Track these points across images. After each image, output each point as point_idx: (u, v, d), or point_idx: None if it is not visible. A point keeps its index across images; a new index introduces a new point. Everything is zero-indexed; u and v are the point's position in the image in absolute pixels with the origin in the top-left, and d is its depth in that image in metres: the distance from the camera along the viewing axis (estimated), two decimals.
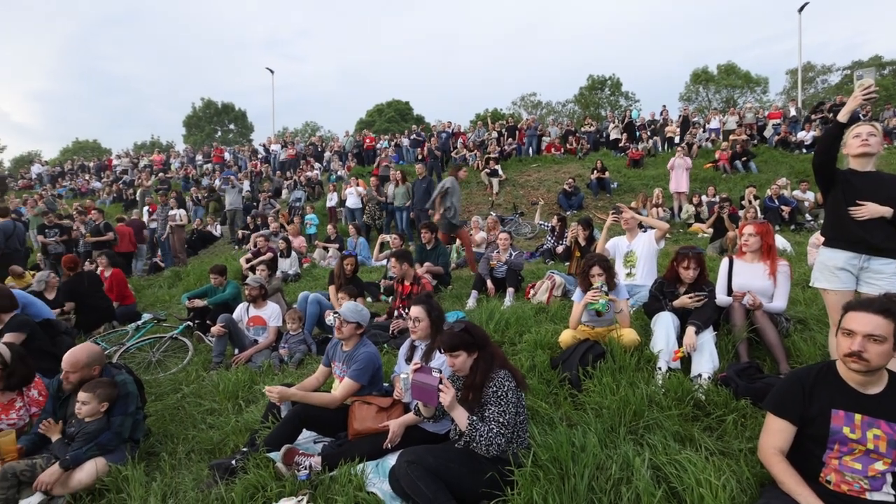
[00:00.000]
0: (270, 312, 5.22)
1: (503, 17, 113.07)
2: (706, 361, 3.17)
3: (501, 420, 2.26)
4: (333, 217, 12.92)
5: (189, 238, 12.60)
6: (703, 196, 11.19)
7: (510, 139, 17.60)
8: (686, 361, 3.32)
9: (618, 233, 5.27)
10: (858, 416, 1.90)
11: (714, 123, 16.83)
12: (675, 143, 15.56)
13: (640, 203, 11.10)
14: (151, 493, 2.62)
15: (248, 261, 8.51)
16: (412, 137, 18.49)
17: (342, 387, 3.08)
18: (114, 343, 5.73)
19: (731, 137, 14.70)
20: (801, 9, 21.28)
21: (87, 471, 2.77)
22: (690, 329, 3.27)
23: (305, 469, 2.59)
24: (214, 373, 4.55)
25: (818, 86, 39.52)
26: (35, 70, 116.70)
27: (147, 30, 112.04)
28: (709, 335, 3.32)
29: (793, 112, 16.49)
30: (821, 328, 3.69)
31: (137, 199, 15.03)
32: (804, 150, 14.27)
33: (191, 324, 5.84)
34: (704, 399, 2.90)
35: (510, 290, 5.73)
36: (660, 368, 3.24)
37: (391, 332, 4.70)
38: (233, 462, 2.73)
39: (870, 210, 2.74)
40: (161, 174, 20.45)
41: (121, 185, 19.57)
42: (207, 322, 5.89)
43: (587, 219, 6.76)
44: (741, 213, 9.36)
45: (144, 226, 11.56)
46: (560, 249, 8.25)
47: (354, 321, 3.20)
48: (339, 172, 16.68)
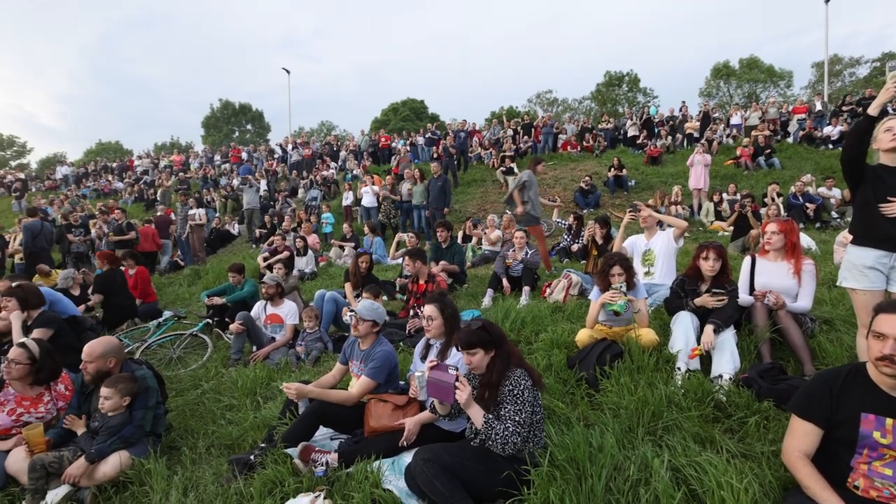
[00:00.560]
0: (287, 310, 5.28)
1: (517, 15, 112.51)
2: (727, 362, 3.10)
3: (517, 419, 2.25)
4: (349, 216, 13.02)
5: (208, 237, 12.83)
6: (724, 194, 10.96)
7: (526, 137, 17.50)
8: (706, 362, 3.26)
9: (635, 231, 5.20)
10: (890, 421, 1.84)
11: (735, 119, 16.48)
12: (695, 140, 15.28)
13: (658, 200, 10.93)
14: (173, 487, 2.67)
15: (266, 259, 8.62)
16: (427, 136, 18.51)
17: (359, 384, 3.10)
18: (136, 339, 5.85)
19: (754, 133, 14.38)
20: None
21: (112, 463, 2.84)
22: (709, 328, 3.21)
23: (322, 465, 2.61)
24: (233, 369, 4.62)
25: (845, 79, 38.29)
26: (60, 73, 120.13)
27: (167, 33, 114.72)
28: (730, 335, 3.25)
29: (818, 106, 16.02)
30: (848, 329, 3.57)
31: (158, 199, 15.34)
32: (830, 146, 13.87)
33: (210, 321, 5.95)
34: (725, 400, 2.84)
35: (526, 289, 5.69)
36: (679, 369, 3.19)
37: (407, 332, 4.71)
38: (251, 457, 2.77)
39: None
40: (181, 174, 20.87)
41: (142, 186, 20.04)
42: (226, 319, 5.99)
43: (604, 217, 6.68)
44: (763, 211, 9.15)
45: (172, 221, 11.80)
46: (576, 248, 8.18)
47: (371, 319, 3.22)
48: (355, 171, 16.78)
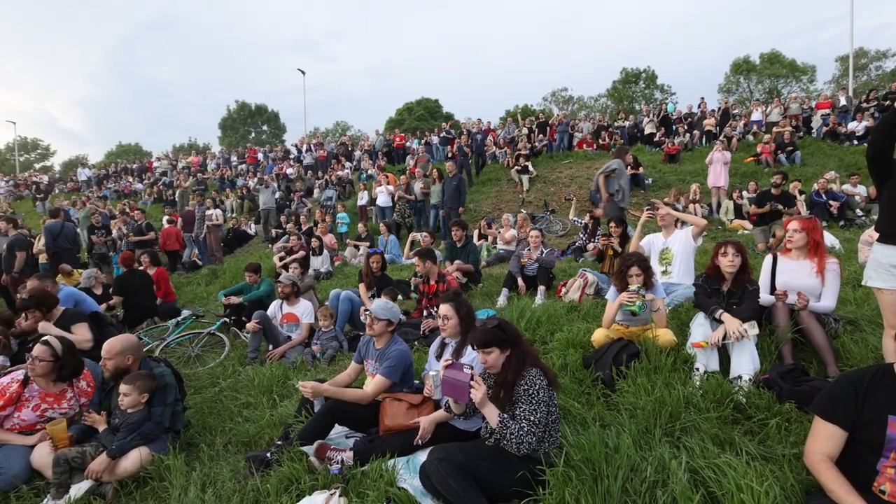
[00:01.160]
0: (303, 310, 5.33)
1: (531, 13, 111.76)
2: (746, 363, 3.04)
3: (532, 419, 2.23)
4: (364, 215, 13.10)
5: (225, 237, 13.02)
6: (744, 192, 10.75)
7: (541, 135, 17.39)
8: (725, 363, 3.20)
9: (652, 229, 5.12)
10: None
11: (756, 115, 16.12)
12: (714, 137, 15.00)
13: (674, 198, 10.75)
14: (192, 482, 2.71)
15: (282, 259, 8.73)
16: (442, 135, 18.52)
17: (374, 383, 3.12)
18: (155, 338, 5.97)
19: (775, 130, 14.05)
20: None
21: (132, 459, 2.90)
22: (721, 327, 3.15)
23: (338, 463, 2.63)
24: (250, 368, 4.68)
25: (871, 73, 37.18)
26: (81, 77, 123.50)
27: (183, 36, 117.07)
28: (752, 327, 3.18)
29: (843, 101, 15.59)
30: (874, 329, 3.46)
31: (177, 200, 15.63)
32: (855, 142, 13.50)
33: (227, 320, 6.04)
34: (745, 402, 2.78)
35: (541, 289, 5.65)
36: (697, 369, 3.13)
37: (422, 332, 4.71)
38: (268, 455, 2.80)
39: None
40: (198, 175, 21.23)
41: (161, 187, 20.43)
42: (243, 318, 6.07)
43: (620, 216, 6.60)
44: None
45: (196, 217, 12.01)
46: (591, 247, 8.09)
47: (386, 318, 3.24)
48: (370, 171, 16.87)
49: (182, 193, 15.58)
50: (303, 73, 29.39)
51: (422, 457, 2.53)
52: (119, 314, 6.45)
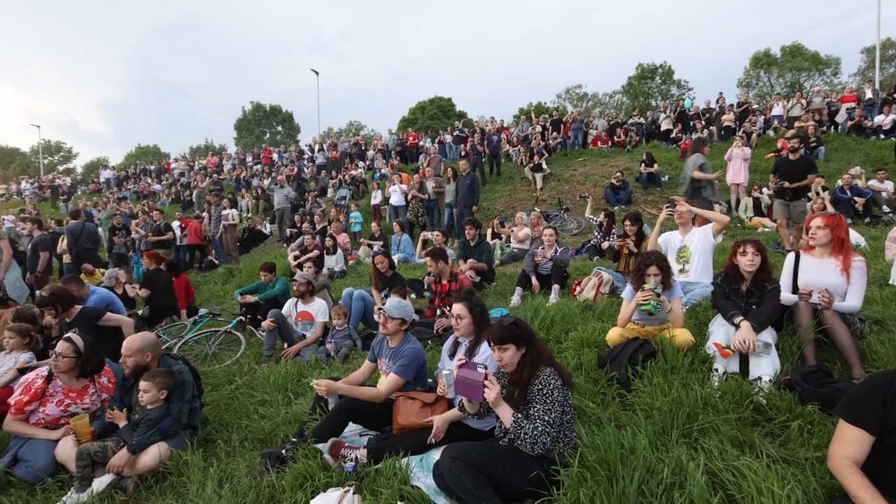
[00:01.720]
0: (317, 308, 5.37)
1: (545, 9, 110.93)
2: (767, 363, 2.97)
3: (547, 418, 2.21)
4: (378, 215, 13.15)
5: (241, 236, 13.19)
6: (764, 188, 10.51)
7: (555, 133, 17.25)
8: (745, 363, 3.13)
9: (669, 228, 5.04)
10: None
11: (777, 110, 15.73)
12: (733, 133, 14.71)
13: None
14: (209, 478, 2.75)
15: (296, 258, 8.81)
16: (455, 134, 18.48)
17: (387, 382, 3.13)
18: (174, 336, 6.08)
19: (797, 124, 13.71)
20: None
21: (152, 454, 2.96)
22: (746, 325, 3.07)
23: (352, 461, 2.64)
24: (265, 365, 4.73)
25: None
26: (102, 81, 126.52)
27: (200, 39, 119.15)
28: (770, 335, 3.11)
29: (869, 94, 15.13)
30: None
31: (194, 200, 15.87)
32: (881, 136, 13.11)
33: (243, 318, 6.11)
34: (765, 403, 2.72)
35: (555, 287, 5.61)
36: (716, 370, 3.07)
37: (435, 331, 4.71)
38: (283, 452, 2.83)
39: None
40: (214, 176, 21.55)
41: (178, 187, 20.77)
42: (258, 317, 6.15)
43: (635, 213, 6.50)
44: (807, 206, 8.71)
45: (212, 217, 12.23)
46: (606, 246, 7.99)
47: (399, 317, 3.24)
48: (383, 170, 16.92)
49: (199, 194, 15.82)
50: (316, 74, 29.67)
51: (435, 455, 2.53)
52: (144, 312, 6.57)
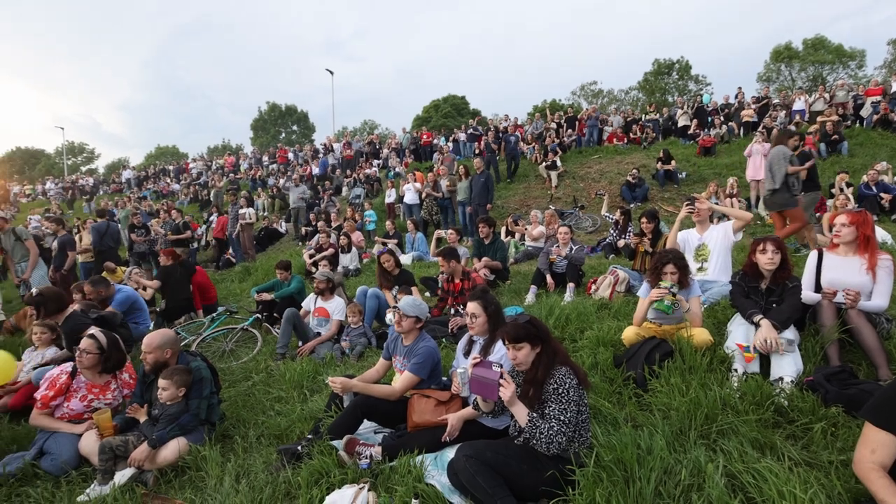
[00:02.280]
0: (335, 306, 5.40)
1: (558, 6, 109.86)
2: (789, 364, 2.90)
3: (562, 418, 2.20)
4: (392, 213, 13.20)
5: (257, 235, 13.36)
6: None
7: (570, 130, 17.09)
8: (765, 364, 3.06)
9: (687, 226, 4.95)
10: None
11: (799, 104, 15.35)
12: (753, 128, 14.39)
13: (711, 193, 10.40)
14: (227, 473, 2.80)
15: (311, 256, 8.89)
16: (469, 132, 18.44)
17: (402, 380, 3.13)
18: (192, 333, 6.18)
19: (820, 119, 13.36)
20: None
21: (171, 449, 3.01)
22: (759, 332, 3.01)
23: (366, 458, 2.66)
24: (281, 363, 4.78)
25: None
26: (123, 83, 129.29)
27: (217, 41, 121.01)
28: (792, 333, 3.04)
29: (895, 87, 14.70)
30: None
31: (211, 199, 16.11)
32: None
33: (259, 316, 6.19)
34: (787, 405, 2.66)
35: (570, 286, 5.56)
36: (735, 370, 3.01)
37: (450, 330, 4.70)
38: (299, 448, 2.86)
39: None
40: (231, 175, 21.85)
41: (196, 187, 21.10)
42: (275, 314, 6.22)
43: (652, 211, 6.41)
44: (830, 203, 8.51)
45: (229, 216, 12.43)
46: (622, 244, 7.90)
47: (414, 315, 3.24)
48: (397, 169, 16.97)
49: (216, 193, 16.06)
50: (331, 74, 29.85)
51: (450, 454, 2.52)
52: (160, 307, 6.71)
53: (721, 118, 15.85)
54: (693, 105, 17.11)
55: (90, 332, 3.49)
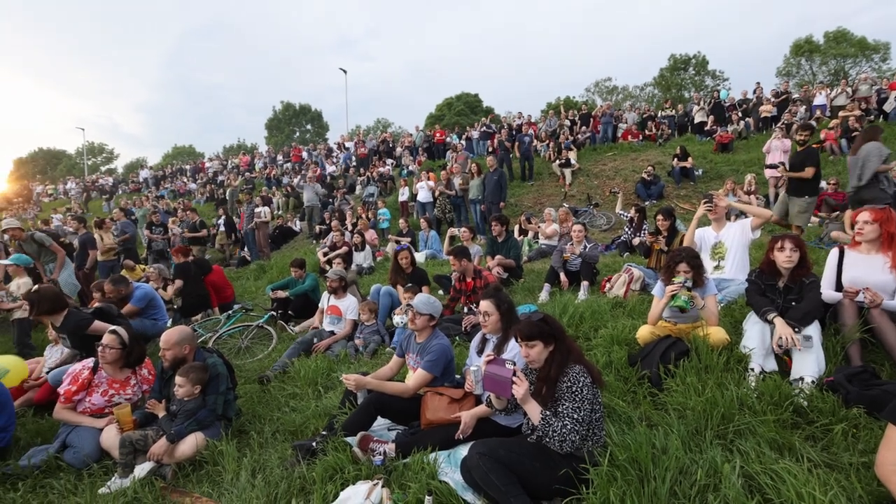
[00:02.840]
0: (347, 305, 5.44)
1: (572, 3, 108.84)
2: (810, 363, 2.84)
3: (576, 416, 2.19)
4: (405, 211, 13.23)
5: (272, 233, 13.50)
6: None
7: (584, 127, 16.94)
8: (784, 363, 3.01)
9: (703, 224, 4.88)
10: None
11: (820, 99, 14.98)
12: (772, 123, 14.09)
13: (728, 190, 10.22)
14: (243, 468, 2.84)
15: (325, 255, 8.96)
16: (482, 130, 18.38)
17: (415, 377, 3.15)
18: (209, 330, 6.28)
19: (842, 114, 13.03)
20: None
21: (189, 444, 3.08)
22: (781, 322, 2.95)
23: (380, 455, 2.68)
24: (296, 359, 4.83)
25: None
26: (140, 84, 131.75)
27: (232, 41, 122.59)
28: (813, 329, 2.96)
29: None
30: None
31: (227, 198, 16.32)
32: None
33: (274, 314, 6.27)
34: (807, 405, 2.61)
35: (584, 284, 5.52)
36: (752, 370, 2.97)
37: (464, 328, 4.71)
38: (313, 444, 2.89)
39: None
40: (247, 174, 22.10)
41: (213, 186, 21.39)
42: (289, 312, 6.29)
43: (668, 208, 6.34)
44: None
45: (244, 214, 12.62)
46: (636, 242, 7.82)
47: (427, 313, 3.25)
48: (410, 167, 17.00)
49: (232, 192, 16.26)
50: (344, 73, 30.12)
51: (463, 451, 2.53)
52: (177, 304, 6.82)
53: (739, 114, 15.55)
54: (710, 101, 16.82)
55: (112, 328, 3.58)
